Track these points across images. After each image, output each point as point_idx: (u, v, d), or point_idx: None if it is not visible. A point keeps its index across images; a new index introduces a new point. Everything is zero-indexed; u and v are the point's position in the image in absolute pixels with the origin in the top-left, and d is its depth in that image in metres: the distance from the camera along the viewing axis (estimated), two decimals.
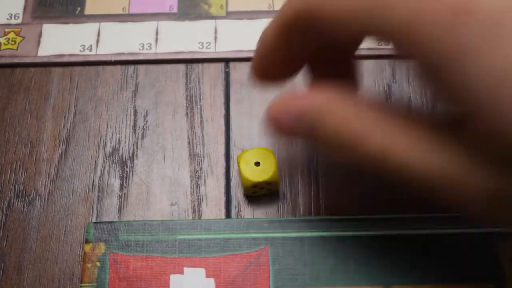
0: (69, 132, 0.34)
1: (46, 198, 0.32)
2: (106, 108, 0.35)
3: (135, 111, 0.35)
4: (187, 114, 0.35)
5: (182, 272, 0.29)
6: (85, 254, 0.29)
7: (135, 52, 0.36)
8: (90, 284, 0.28)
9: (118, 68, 0.36)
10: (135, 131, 0.34)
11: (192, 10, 0.38)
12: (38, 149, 0.33)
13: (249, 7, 0.38)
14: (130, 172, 0.33)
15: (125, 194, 0.32)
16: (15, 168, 0.33)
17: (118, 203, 0.32)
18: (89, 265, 0.29)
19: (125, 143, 0.34)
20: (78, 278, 0.30)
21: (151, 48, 0.36)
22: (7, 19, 0.38)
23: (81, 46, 0.36)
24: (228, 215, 0.32)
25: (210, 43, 0.37)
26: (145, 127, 0.34)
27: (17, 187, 0.32)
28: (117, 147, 0.34)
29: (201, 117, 0.35)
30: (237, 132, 0.34)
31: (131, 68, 0.36)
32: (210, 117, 0.35)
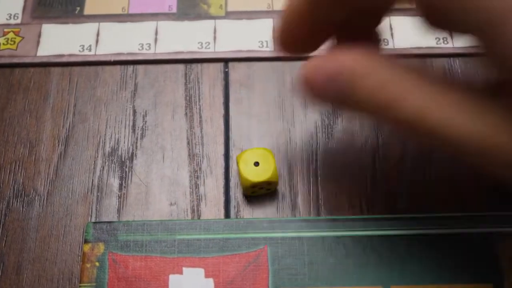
0: (68, 132, 0.34)
1: (45, 198, 0.32)
2: (105, 108, 0.35)
3: (134, 111, 0.35)
4: (186, 114, 0.35)
5: (181, 272, 0.29)
6: (84, 254, 0.29)
7: (134, 52, 0.36)
8: (89, 284, 0.28)
9: (117, 68, 0.36)
10: (134, 131, 0.34)
11: (191, 10, 0.38)
12: (37, 149, 0.33)
13: (249, 7, 0.38)
14: (129, 172, 0.33)
15: (124, 194, 0.32)
16: (14, 168, 0.33)
17: (117, 203, 0.32)
18: (88, 265, 0.29)
19: (124, 143, 0.34)
20: (77, 278, 0.30)
21: (150, 48, 0.36)
22: (7, 19, 0.38)
23: (80, 46, 0.36)
24: (227, 215, 0.32)
25: (209, 43, 0.37)
26: (144, 127, 0.34)
27: (16, 187, 0.32)
28: (116, 147, 0.34)
29: (200, 117, 0.35)
30: (236, 132, 0.34)
31: (130, 68, 0.36)
32: (209, 117, 0.35)
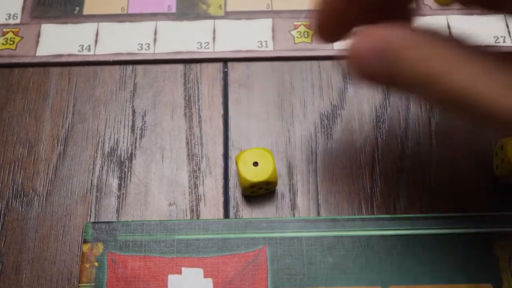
0: (68, 132, 0.34)
1: (45, 198, 0.32)
2: (105, 108, 0.35)
3: (134, 111, 0.35)
4: (185, 114, 0.35)
5: (180, 272, 0.29)
6: (83, 254, 0.29)
7: (133, 52, 0.36)
8: (88, 284, 0.28)
9: (116, 68, 0.36)
10: (133, 131, 0.34)
11: (190, 10, 0.38)
12: (36, 149, 0.33)
13: (248, 7, 0.38)
14: (128, 172, 0.33)
15: (123, 194, 0.32)
16: (13, 168, 0.33)
17: (116, 203, 0.32)
18: (87, 265, 0.29)
19: (123, 143, 0.34)
20: (76, 278, 0.30)
21: (149, 48, 0.36)
22: (6, 19, 0.38)
23: (79, 46, 0.36)
24: (226, 215, 0.32)
25: (208, 43, 0.37)
26: (143, 127, 0.34)
27: (15, 187, 0.32)
28: (115, 147, 0.34)
29: (199, 117, 0.35)
30: (235, 132, 0.34)
31: (129, 68, 0.36)
32: (209, 117, 0.35)
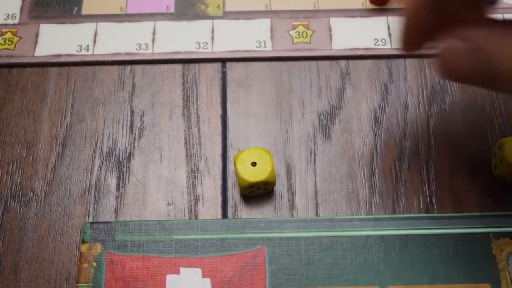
0: (66, 132, 0.34)
1: (43, 198, 0.32)
2: (103, 108, 0.35)
3: (132, 111, 0.35)
4: (184, 114, 0.35)
5: (178, 272, 0.29)
6: (81, 254, 0.29)
7: (132, 52, 0.36)
8: (86, 284, 0.28)
9: (115, 68, 0.36)
10: (131, 131, 0.34)
11: (189, 10, 0.38)
12: (34, 149, 0.33)
13: (246, 7, 0.38)
14: (126, 172, 0.33)
15: (121, 194, 0.32)
16: (11, 168, 0.33)
17: (115, 203, 0.32)
18: (85, 265, 0.29)
19: (121, 143, 0.34)
20: (75, 278, 0.30)
21: (148, 48, 0.36)
22: (4, 19, 0.38)
23: (78, 46, 0.36)
24: (225, 215, 0.32)
25: (207, 43, 0.37)
26: (142, 127, 0.34)
27: (13, 187, 0.32)
28: (113, 147, 0.34)
29: (197, 117, 0.35)
30: (233, 132, 0.34)
31: (128, 68, 0.36)
32: (207, 117, 0.35)
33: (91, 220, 0.31)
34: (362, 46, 0.36)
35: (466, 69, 0.26)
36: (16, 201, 0.32)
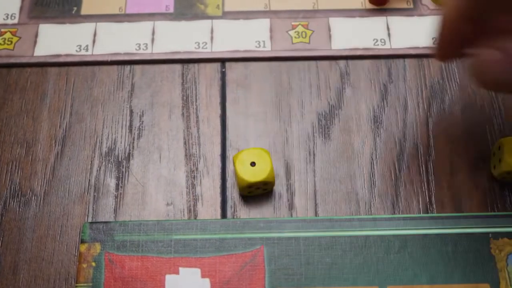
0: (65, 132, 0.34)
1: (42, 198, 0.32)
2: (102, 108, 0.35)
3: (131, 111, 0.35)
4: (183, 114, 0.35)
5: (177, 272, 0.29)
6: (80, 254, 0.29)
7: (131, 52, 0.36)
8: (85, 284, 0.28)
9: (114, 68, 0.36)
10: (131, 131, 0.34)
11: (188, 10, 0.38)
12: (34, 149, 0.33)
13: (246, 7, 0.38)
14: (126, 172, 0.33)
15: (121, 194, 0.32)
16: (11, 168, 0.33)
17: (114, 203, 0.32)
18: (84, 265, 0.29)
19: (121, 143, 0.34)
20: (74, 278, 0.30)
21: (147, 48, 0.36)
22: (4, 19, 0.38)
23: (77, 46, 0.36)
24: (224, 215, 0.32)
25: (206, 43, 0.37)
26: (141, 127, 0.34)
27: (13, 187, 0.32)
28: (113, 147, 0.34)
29: (197, 117, 0.35)
30: (233, 132, 0.34)
31: (127, 68, 0.36)
32: (206, 117, 0.35)
33: (90, 220, 0.31)
34: (361, 46, 0.37)
35: (502, 79, 0.26)
36: (15, 201, 0.32)
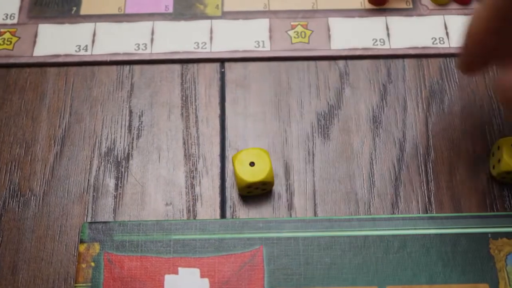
0: (65, 132, 0.34)
1: (41, 198, 0.32)
2: (102, 108, 0.35)
3: (131, 111, 0.35)
4: (182, 114, 0.35)
5: (176, 272, 0.29)
6: (79, 254, 0.29)
7: (130, 52, 0.36)
8: (84, 284, 0.28)
9: (113, 68, 0.36)
10: (130, 131, 0.34)
11: (187, 10, 0.38)
12: (33, 149, 0.33)
13: (245, 7, 0.38)
14: (125, 172, 0.33)
15: (120, 194, 0.32)
16: (10, 168, 0.33)
17: (113, 203, 0.32)
18: (83, 265, 0.29)
19: (120, 143, 0.34)
20: (73, 278, 0.30)
21: (146, 48, 0.36)
22: (3, 19, 0.38)
23: (76, 46, 0.36)
24: (223, 215, 0.32)
25: (205, 43, 0.37)
26: (140, 127, 0.34)
27: (12, 187, 0.32)
28: (112, 147, 0.34)
29: (196, 117, 0.35)
30: (232, 132, 0.34)
31: (126, 68, 0.36)
32: (206, 117, 0.35)
33: (89, 220, 0.31)
34: (360, 46, 0.37)
35: None
36: (14, 201, 0.32)
